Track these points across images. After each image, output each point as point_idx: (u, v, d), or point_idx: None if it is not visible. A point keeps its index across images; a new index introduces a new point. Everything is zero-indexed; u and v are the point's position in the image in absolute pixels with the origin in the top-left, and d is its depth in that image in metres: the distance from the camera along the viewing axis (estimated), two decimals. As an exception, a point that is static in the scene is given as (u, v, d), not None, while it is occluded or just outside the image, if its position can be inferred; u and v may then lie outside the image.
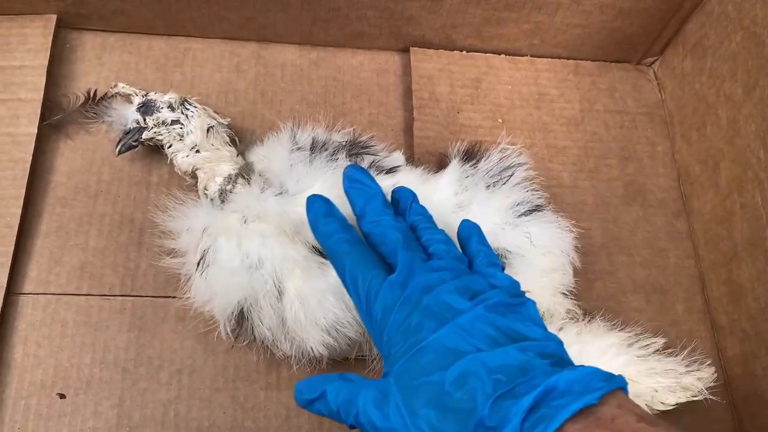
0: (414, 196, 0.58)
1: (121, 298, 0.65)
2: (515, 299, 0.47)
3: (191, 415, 0.62)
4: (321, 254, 0.59)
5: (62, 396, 0.61)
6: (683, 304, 0.73)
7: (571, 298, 0.65)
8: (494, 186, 0.65)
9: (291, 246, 0.59)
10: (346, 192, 0.58)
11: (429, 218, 0.56)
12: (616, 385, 0.39)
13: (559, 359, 0.43)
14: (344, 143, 0.67)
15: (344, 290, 0.58)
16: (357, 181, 0.57)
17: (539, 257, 0.63)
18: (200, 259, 0.59)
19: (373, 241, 0.54)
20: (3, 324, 0.63)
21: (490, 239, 0.62)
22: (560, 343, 0.46)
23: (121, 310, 0.65)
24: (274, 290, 0.58)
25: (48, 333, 0.63)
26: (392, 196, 0.59)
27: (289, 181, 0.63)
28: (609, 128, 0.80)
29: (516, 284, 0.50)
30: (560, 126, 0.79)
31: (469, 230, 0.56)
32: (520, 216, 0.64)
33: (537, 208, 0.65)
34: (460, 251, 0.54)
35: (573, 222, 0.67)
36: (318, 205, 0.56)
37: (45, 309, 0.64)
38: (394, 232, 0.53)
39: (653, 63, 0.84)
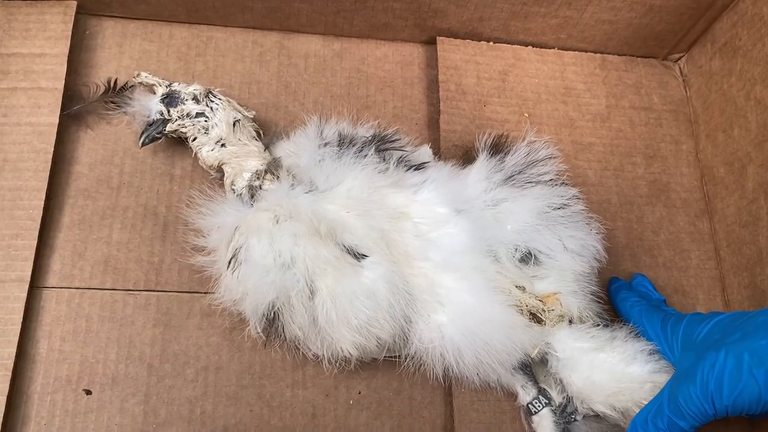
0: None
1: (145, 293, 0.65)
2: None
3: (218, 413, 0.62)
4: (354, 255, 0.59)
5: (88, 392, 0.61)
6: (703, 306, 0.73)
7: (600, 302, 0.65)
8: (526, 183, 0.64)
9: (323, 246, 0.58)
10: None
11: None
12: None
13: None
14: (371, 138, 0.66)
15: (376, 291, 0.58)
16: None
17: (570, 261, 0.63)
18: (232, 258, 0.58)
19: None
20: (27, 318, 0.62)
21: (524, 239, 0.62)
22: None
23: (145, 306, 0.64)
24: (306, 289, 0.58)
25: (72, 328, 0.63)
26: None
27: (318, 177, 0.62)
28: (634, 125, 0.79)
29: None
30: (586, 122, 0.78)
31: None
32: (553, 211, 0.63)
33: (569, 204, 0.65)
34: None
35: (599, 221, 0.67)
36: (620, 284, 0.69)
37: (69, 303, 0.63)
38: None
39: (679, 59, 0.83)
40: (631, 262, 0.73)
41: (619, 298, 0.67)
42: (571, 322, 0.63)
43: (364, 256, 0.59)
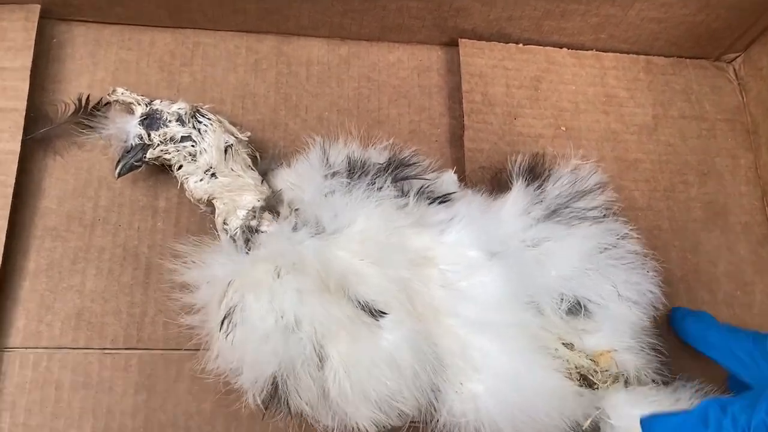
0: None
1: (125, 352, 0.55)
2: None
3: (213, 495, 0.53)
4: (370, 312, 0.49)
5: (59, 474, 0.52)
6: (772, 347, 0.63)
7: (658, 356, 0.55)
8: (573, 218, 0.55)
9: (333, 303, 0.48)
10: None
11: None
12: None
13: None
14: (386, 165, 0.56)
15: (398, 357, 0.48)
16: None
17: (626, 311, 0.53)
18: (224, 318, 0.49)
19: None
20: (-14, 386, 0.53)
21: (571, 286, 0.53)
22: None
23: (126, 368, 0.55)
24: (314, 356, 0.48)
25: (40, 397, 0.53)
26: None
27: (325, 215, 0.53)
28: (685, 138, 0.69)
29: None
30: (631, 135, 0.68)
31: None
32: (602, 252, 0.54)
33: (622, 242, 0.55)
34: None
35: (655, 259, 0.57)
36: None
37: (35, 367, 0.54)
38: None
39: (734, 60, 0.73)
40: (686, 297, 0.64)
41: (687, 321, 0.58)
42: (627, 382, 0.53)
43: (382, 313, 0.49)
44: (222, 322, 0.49)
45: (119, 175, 0.57)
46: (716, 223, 0.67)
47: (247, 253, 0.52)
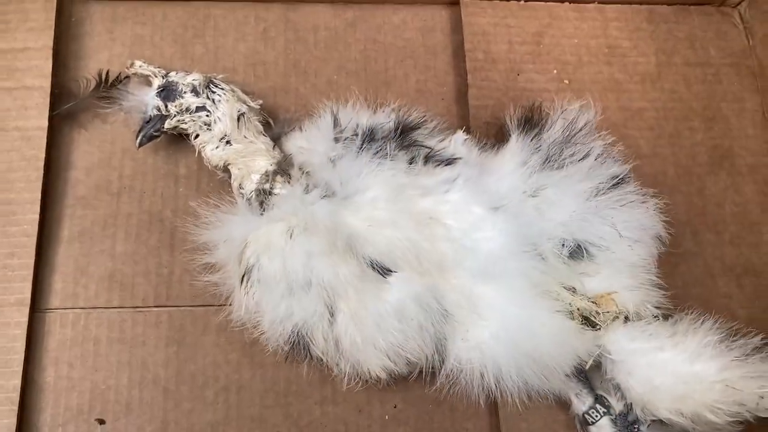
0: None
1: (156, 309, 0.59)
2: None
3: (242, 437, 0.57)
4: (378, 271, 0.52)
5: (101, 422, 0.56)
6: (780, 287, 0.65)
7: (659, 290, 0.57)
8: (567, 162, 0.56)
9: (342, 263, 0.52)
10: None
11: None
12: None
13: None
14: (393, 131, 0.58)
15: (405, 311, 0.52)
16: None
17: (627, 251, 0.55)
18: (243, 276, 0.52)
19: None
20: (32, 344, 0.57)
21: (571, 231, 0.55)
22: None
23: (156, 323, 0.59)
24: (326, 313, 0.52)
25: (80, 352, 0.58)
26: None
27: (334, 179, 0.55)
28: (690, 84, 0.70)
29: None
30: (635, 84, 0.69)
31: None
32: (601, 195, 0.56)
33: (620, 182, 0.57)
34: None
35: (655, 196, 0.59)
36: None
37: (74, 326, 0.58)
38: None
39: (739, 4, 0.73)
40: (692, 241, 0.65)
41: None
42: (627, 319, 0.56)
43: (389, 271, 0.52)
44: (242, 280, 0.53)
45: (140, 145, 0.60)
46: (722, 166, 0.68)
47: (261, 214, 0.55)
